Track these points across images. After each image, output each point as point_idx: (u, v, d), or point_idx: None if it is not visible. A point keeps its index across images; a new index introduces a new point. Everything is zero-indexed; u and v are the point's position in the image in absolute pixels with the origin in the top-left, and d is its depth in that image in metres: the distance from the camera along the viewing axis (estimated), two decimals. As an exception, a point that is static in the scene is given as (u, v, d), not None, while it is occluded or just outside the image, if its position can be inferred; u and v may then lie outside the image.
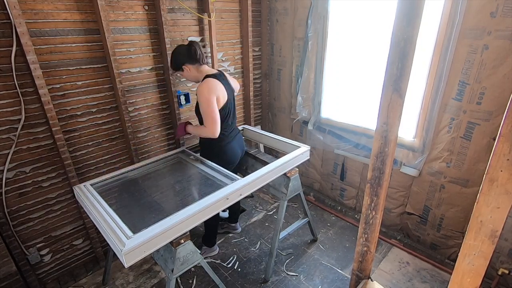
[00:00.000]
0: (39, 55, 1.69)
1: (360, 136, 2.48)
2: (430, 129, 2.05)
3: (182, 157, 2.15)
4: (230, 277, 2.16)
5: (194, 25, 2.39)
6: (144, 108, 2.26)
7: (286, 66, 2.92)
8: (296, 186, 2.11)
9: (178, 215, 1.42)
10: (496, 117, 1.75)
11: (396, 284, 2.08)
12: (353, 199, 2.77)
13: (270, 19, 2.91)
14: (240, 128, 2.64)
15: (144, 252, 1.29)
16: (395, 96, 1.14)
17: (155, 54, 2.21)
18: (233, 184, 1.70)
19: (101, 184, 1.79)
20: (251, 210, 2.90)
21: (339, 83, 2.59)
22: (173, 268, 1.48)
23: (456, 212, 2.08)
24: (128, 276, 2.19)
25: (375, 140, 1.26)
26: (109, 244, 1.39)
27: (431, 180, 2.15)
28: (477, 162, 1.89)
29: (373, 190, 1.35)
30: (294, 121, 3.01)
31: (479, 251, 0.98)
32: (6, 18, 1.53)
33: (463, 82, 1.83)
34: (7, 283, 1.85)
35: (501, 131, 0.82)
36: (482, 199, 0.91)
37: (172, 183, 1.98)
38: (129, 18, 2.01)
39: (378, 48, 2.21)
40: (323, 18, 2.48)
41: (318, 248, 2.42)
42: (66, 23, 1.76)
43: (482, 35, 1.69)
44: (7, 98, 1.64)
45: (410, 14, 1.03)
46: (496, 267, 1.94)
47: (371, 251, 1.50)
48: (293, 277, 2.16)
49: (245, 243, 2.48)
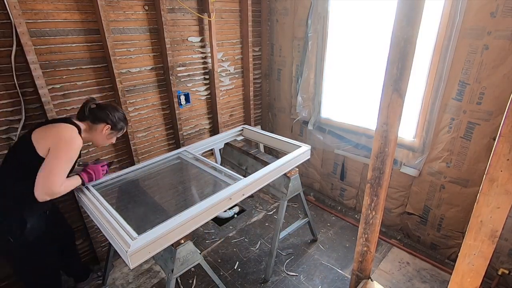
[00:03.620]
0: (39, 55, 1.69)
1: (360, 136, 2.48)
2: (430, 129, 2.05)
3: (182, 157, 2.15)
4: (230, 277, 2.16)
5: (194, 25, 2.39)
6: (144, 108, 2.26)
7: (286, 66, 2.92)
8: (296, 186, 2.11)
9: (182, 216, 1.42)
10: (496, 117, 1.75)
11: (396, 284, 2.08)
12: (353, 199, 2.77)
13: (270, 19, 2.91)
14: (240, 128, 2.64)
15: (149, 253, 1.28)
16: (395, 96, 1.15)
17: (155, 54, 2.21)
18: (236, 184, 1.70)
19: (103, 184, 1.79)
20: (251, 210, 2.90)
21: (339, 83, 2.59)
22: (173, 268, 1.48)
23: (456, 212, 2.08)
24: (128, 276, 2.19)
25: (375, 140, 1.26)
26: (112, 245, 1.38)
27: (431, 180, 2.15)
28: (477, 162, 1.89)
29: (373, 190, 1.35)
30: (294, 121, 3.01)
31: (479, 251, 0.98)
32: (6, 18, 1.53)
33: (463, 82, 1.82)
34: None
35: (501, 131, 0.82)
36: (482, 199, 0.91)
37: (174, 184, 1.98)
38: (129, 18, 2.01)
39: (378, 48, 2.21)
40: (323, 18, 2.48)
41: (318, 248, 2.42)
42: (66, 23, 1.76)
43: (482, 35, 1.69)
44: (7, 98, 1.64)
45: (410, 14, 1.03)
46: (496, 267, 1.94)
47: (371, 251, 1.50)
48: (293, 277, 2.16)
49: (245, 243, 2.48)
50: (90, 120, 1.54)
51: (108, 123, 1.56)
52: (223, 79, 2.79)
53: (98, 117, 1.54)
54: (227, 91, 2.88)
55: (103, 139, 1.61)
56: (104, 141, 1.63)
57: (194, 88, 2.56)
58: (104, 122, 1.55)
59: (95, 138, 1.59)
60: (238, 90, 2.98)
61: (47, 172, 1.31)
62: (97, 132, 1.56)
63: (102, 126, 1.55)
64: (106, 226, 1.37)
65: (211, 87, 2.66)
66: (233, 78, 2.88)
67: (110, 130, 1.59)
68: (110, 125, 1.57)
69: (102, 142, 1.63)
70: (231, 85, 2.89)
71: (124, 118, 1.65)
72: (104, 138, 1.60)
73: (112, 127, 1.59)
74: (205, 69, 2.59)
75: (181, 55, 2.37)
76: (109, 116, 1.56)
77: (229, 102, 2.94)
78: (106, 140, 1.63)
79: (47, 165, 1.32)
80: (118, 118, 1.60)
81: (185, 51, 2.39)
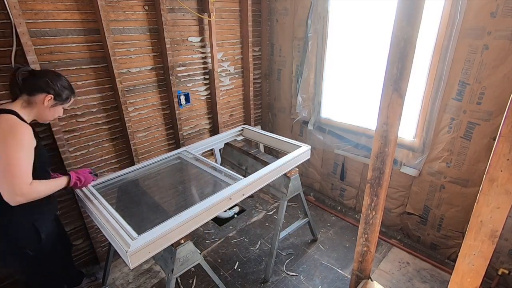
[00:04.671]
0: (39, 55, 1.69)
1: (360, 136, 2.48)
2: (430, 129, 2.05)
3: (182, 157, 2.15)
4: (230, 277, 2.16)
5: (194, 25, 2.39)
6: (144, 108, 2.26)
7: (286, 66, 2.92)
8: (296, 186, 2.11)
9: (182, 216, 1.42)
10: (496, 117, 1.75)
11: (396, 284, 2.08)
12: (353, 199, 2.77)
13: (270, 19, 2.91)
14: (240, 128, 2.64)
15: (149, 253, 1.29)
16: (395, 96, 1.15)
17: (155, 54, 2.21)
18: (236, 184, 1.70)
19: (103, 185, 1.79)
20: (251, 210, 2.90)
21: (339, 83, 2.59)
22: (173, 268, 1.48)
23: (456, 212, 2.08)
24: (128, 276, 2.19)
25: (375, 140, 1.26)
26: (112, 245, 1.37)
27: (431, 180, 2.15)
28: (477, 162, 1.89)
29: (373, 190, 1.35)
30: (294, 121, 3.01)
31: (479, 251, 0.98)
32: (6, 18, 1.53)
33: (463, 82, 1.83)
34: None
35: (501, 131, 0.82)
36: (482, 199, 0.91)
37: (174, 184, 1.98)
38: (129, 18, 2.01)
39: (378, 48, 2.21)
40: (323, 18, 2.48)
41: (318, 248, 2.42)
42: (66, 23, 1.76)
43: (482, 35, 1.69)
44: (7, 98, 1.64)
45: (410, 14, 1.03)
46: (496, 267, 1.94)
47: (371, 251, 1.50)
48: (293, 277, 2.16)
49: (245, 243, 2.48)
50: (26, 93, 1.30)
51: (50, 92, 1.33)
52: (223, 79, 2.79)
53: (35, 87, 1.30)
54: (227, 91, 2.88)
55: (46, 113, 1.37)
56: (48, 115, 1.39)
57: (194, 88, 2.56)
58: (44, 92, 1.32)
59: (38, 113, 1.35)
60: (238, 90, 2.98)
61: (5, 173, 1.16)
62: (38, 105, 1.32)
63: (43, 97, 1.32)
64: (106, 226, 1.37)
65: (211, 87, 2.66)
66: (233, 78, 2.88)
67: (53, 100, 1.35)
68: (52, 95, 1.34)
69: (47, 117, 1.39)
70: (231, 85, 2.89)
71: (69, 85, 1.42)
72: (48, 111, 1.36)
73: (54, 97, 1.35)
74: (205, 69, 2.59)
75: (181, 55, 2.37)
76: (50, 84, 1.33)
77: (229, 102, 2.94)
78: (49, 114, 1.38)
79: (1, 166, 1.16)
80: (61, 86, 1.37)
81: (185, 51, 2.39)
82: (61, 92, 1.37)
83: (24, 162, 1.21)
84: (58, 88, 1.36)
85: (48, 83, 1.33)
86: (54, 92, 1.35)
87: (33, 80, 1.31)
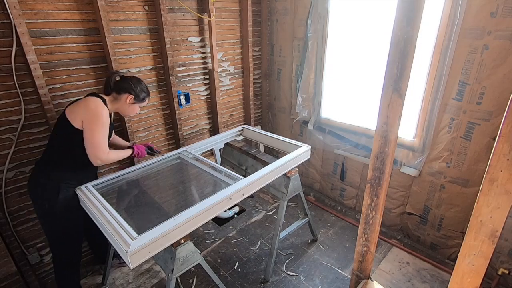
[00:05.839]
0: (39, 55, 1.69)
1: (360, 136, 2.48)
2: (430, 129, 2.05)
3: (182, 157, 2.15)
4: (230, 277, 2.16)
5: (194, 25, 2.39)
6: (144, 108, 2.26)
7: (286, 66, 2.92)
8: (296, 186, 2.11)
9: (182, 216, 1.42)
10: (496, 117, 1.75)
11: (396, 284, 2.08)
12: (353, 199, 2.77)
13: (270, 19, 2.91)
14: (240, 128, 2.64)
15: (149, 253, 1.28)
16: (395, 96, 1.15)
17: (155, 54, 2.21)
18: (236, 184, 1.70)
19: (103, 185, 1.79)
20: (251, 210, 2.90)
21: (339, 83, 2.59)
22: (173, 268, 1.48)
23: (456, 212, 2.08)
24: (128, 276, 2.19)
25: (375, 140, 1.26)
26: (112, 245, 1.38)
27: (431, 180, 2.15)
28: (477, 162, 1.89)
29: (373, 190, 1.35)
30: (294, 121, 3.01)
31: (479, 251, 0.98)
32: (6, 18, 1.53)
33: (463, 82, 1.83)
34: (7, 283, 1.85)
35: (501, 131, 0.82)
36: (482, 199, 0.91)
37: (174, 184, 1.98)
38: (129, 18, 2.01)
39: (378, 48, 2.21)
40: (323, 18, 2.48)
41: (318, 248, 2.42)
42: (66, 23, 1.76)
43: (482, 35, 1.69)
44: (7, 98, 1.64)
45: (410, 14, 1.03)
46: (496, 267, 1.94)
47: (371, 251, 1.50)
48: (293, 277, 2.16)
49: (245, 243, 2.48)
50: (115, 91, 1.68)
51: (131, 93, 1.69)
52: (223, 79, 2.79)
53: (122, 88, 1.68)
54: (227, 91, 2.88)
55: (127, 109, 1.74)
56: (128, 111, 1.75)
57: (194, 88, 2.56)
58: (127, 92, 1.68)
59: (120, 108, 1.73)
60: (238, 90, 2.98)
61: (89, 144, 1.54)
62: (121, 101, 1.69)
63: (126, 96, 1.68)
64: (106, 226, 1.37)
65: (211, 87, 2.66)
66: (233, 78, 2.88)
67: (133, 100, 1.71)
68: (133, 95, 1.69)
69: (127, 112, 1.76)
70: (231, 85, 2.89)
71: (146, 90, 1.76)
72: (128, 107, 1.73)
73: (135, 97, 1.70)
74: (205, 69, 2.59)
75: (181, 55, 2.37)
76: (132, 87, 1.69)
77: (229, 102, 2.94)
78: (129, 110, 1.75)
79: (86, 138, 1.54)
80: (140, 89, 1.72)
81: (185, 51, 2.39)
82: (139, 94, 1.72)
83: (103, 138, 1.58)
84: (138, 91, 1.71)
85: (131, 85, 1.69)
86: (135, 93, 1.70)
87: (121, 83, 1.69)
